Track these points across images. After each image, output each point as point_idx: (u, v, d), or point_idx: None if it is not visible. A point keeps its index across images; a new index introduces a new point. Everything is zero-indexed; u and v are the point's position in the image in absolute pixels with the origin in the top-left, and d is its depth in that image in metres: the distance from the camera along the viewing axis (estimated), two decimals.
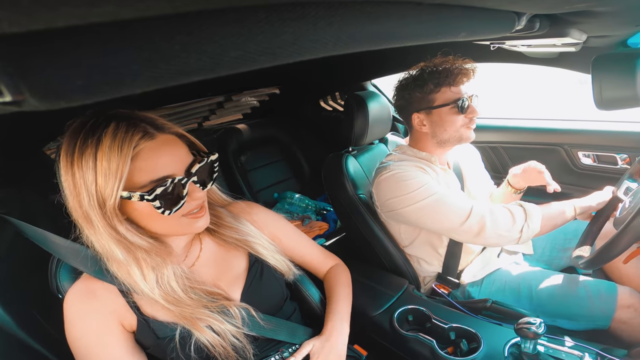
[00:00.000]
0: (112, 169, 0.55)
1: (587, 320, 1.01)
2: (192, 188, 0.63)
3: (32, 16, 0.17)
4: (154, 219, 0.62)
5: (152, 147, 0.59)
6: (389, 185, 1.09)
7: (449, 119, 1.08)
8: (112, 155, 0.55)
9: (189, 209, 0.64)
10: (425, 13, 0.40)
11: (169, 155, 0.60)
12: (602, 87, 0.84)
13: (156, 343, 0.67)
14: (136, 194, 0.57)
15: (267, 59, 0.29)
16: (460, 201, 1.03)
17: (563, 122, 1.65)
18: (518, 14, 0.58)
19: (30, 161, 1.15)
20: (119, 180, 0.56)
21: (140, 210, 0.61)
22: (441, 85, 1.07)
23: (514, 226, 0.98)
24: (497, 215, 0.99)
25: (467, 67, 1.07)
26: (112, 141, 0.55)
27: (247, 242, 0.79)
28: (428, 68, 1.09)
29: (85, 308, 0.64)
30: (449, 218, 1.02)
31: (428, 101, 1.10)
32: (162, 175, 0.59)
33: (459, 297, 1.21)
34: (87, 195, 0.57)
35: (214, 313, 0.67)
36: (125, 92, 0.23)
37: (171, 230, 0.66)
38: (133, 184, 0.58)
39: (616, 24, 0.75)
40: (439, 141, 1.13)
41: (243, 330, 0.70)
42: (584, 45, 0.90)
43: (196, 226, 0.66)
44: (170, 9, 0.21)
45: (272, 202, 2.17)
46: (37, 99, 0.20)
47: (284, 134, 2.32)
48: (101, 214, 0.58)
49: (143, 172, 0.58)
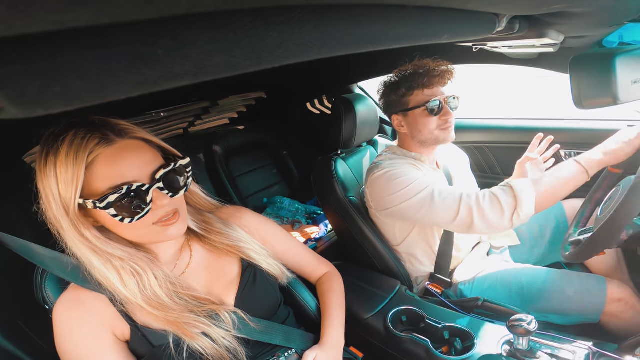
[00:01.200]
0: (68, 177, 0.55)
1: (578, 315, 1.03)
2: (157, 195, 0.60)
3: (8, 22, 0.16)
4: (121, 227, 0.61)
5: (110, 154, 0.57)
6: (383, 183, 1.10)
7: (422, 121, 1.11)
8: (68, 162, 0.55)
9: (158, 216, 0.62)
10: (409, 16, 0.41)
11: (128, 162, 0.58)
12: (580, 87, 0.86)
13: (151, 352, 0.65)
14: (89, 201, 0.56)
15: (252, 64, 0.29)
16: (451, 195, 1.01)
17: (545, 121, 1.69)
18: (498, 16, 0.59)
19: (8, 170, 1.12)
20: (75, 188, 0.55)
21: (105, 218, 0.59)
22: (414, 89, 1.10)
23: (502, 217, 0.95)
24: (484, 207, 0.96)
25: (441, 69, 1.09)
26: (69, 149, 0.55)
27: (239, 247, 0.78)
28: (402, 72, 1.13)
29: (75, 319, 0.63)
30: (443, 212, 1.01)
31: (403, 104, 1.14)
32: (122, 182, 0.57)
33: (451, 296, 1.22)
34: (54, 202, 0.57)
35: (201, 317, 0.66)
36: (107, 99, 0.23)
37: (142, 238, 0.64)
38: (91, 192, 0.57)
39: (591, 25, 0.78)
40: (419, 141, 1.16)
41: (234, 333, 0.69)
42: (562, 46, 0.93)
43: (167, 234, 0.63)
44: (152, 14, 0.20)
45: (261, 208, 2.15)
46: (15, 107, 0.20)
47: (271, 138, 2.31)
48: (69, 221, 0.58)
49: (101, 179, 0.57)
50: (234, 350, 0.68)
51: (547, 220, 1.34)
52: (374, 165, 1.18)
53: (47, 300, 0.69)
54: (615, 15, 0.75)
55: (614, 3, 0.65)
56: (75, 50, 0.20)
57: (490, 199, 0.96)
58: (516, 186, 0.94)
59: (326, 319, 0.87)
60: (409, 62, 1.12)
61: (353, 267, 1.26)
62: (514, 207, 0.94)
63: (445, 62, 1.11)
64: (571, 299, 1.03)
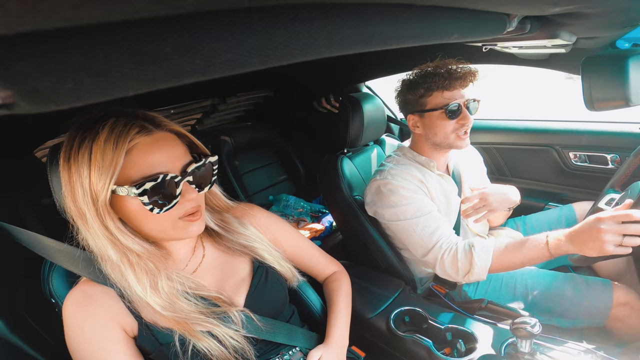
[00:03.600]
0: (105, 162, 0.55)
1: (583, 319, 1.02)
2: (186, 188, 0.62)
3: (20, 19, 0.17)
4: (146, 219, 0.61)
5: (147, 143, 0.58)
6: (379, 193, 1.13)
7: (439, 124, 1.08)
8: (107, 148, 0.55)
9: (184, 210, 0.63)
10: (418, 15, 0.40)
11: (164, 152, 0.59)
12: (591, 88, 0.85)
13: (158, 349, 0.66)
14: (124, 187, 0.56)
15: (259, 61, 0.29)
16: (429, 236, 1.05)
17: (555, 122, 1.66)
18: (509, 16, 0.59)
19: (19, 165, 1.14)
20: (111, 173, 0.55)
21: (131, 209, 0.59)
22: (433, 90, 1.06)
23: (457, 275, 1.02)
24: (445, 262, 1.03)
25: (462, 72, 1.04)
26: (109, 135, 0.55)
27: (254, 248, 0.78)
28: (422, 71, 1.09)
29: (85, 315, 0.63)
30: (418, 246, 1.08)
31: (420, 104, 1.11)
32: (156, 172, 0.58)
33: (455, 298, 1.21)
34: (81, 190, 0.57)
35: (210, 318, 0.66)
36: (116, 95, 0.23)
37: (164, 233, 0.64)
38: (125, 179, 0.57)
39: (604, 26, 0.76)
40: (433, 144, 1.14)
41: (242, 333, 0.69)
42: (574, 47, 0.92)
43: (190, 230, 0.64)
44: (161, 11, 0.21)
45: (267, 205, 2.16)
46: (27, 102, 0.20)
47: (278, 136, 2.31)
48: (94, 210, 0.57)
49: (136, 167, 0.57)
50: (242, 349, 0.68)
51: (557, 223, 1.32)
52: (380, 169, 1.18)
53: (54, 295, 0.70)
54: (629, 16, 0.73)
55: (628, 4, 0.64)
56: (86, 47, 0.20)
57: (453, 257, 1.02)
58: (475, 253, 0.99)
59: (332, 318, 0.86)
60: (430, 60, 1.08)
61: (357, 266, 1.26)
62: (467, 270, 1.00)
63: (468, 62, 1.06)
64: (576, 303, 1.02)
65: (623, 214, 0.77)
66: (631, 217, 0.75)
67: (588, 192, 1.58)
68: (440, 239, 1.04)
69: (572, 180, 1.65)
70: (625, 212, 0.77)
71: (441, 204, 1.15)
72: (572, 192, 1.64)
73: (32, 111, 0.21)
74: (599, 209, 1.01)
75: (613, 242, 0.77)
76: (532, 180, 1.77)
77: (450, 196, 1.18)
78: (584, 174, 1.60)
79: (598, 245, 0.78)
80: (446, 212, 1.17)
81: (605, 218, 0.78)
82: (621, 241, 0.77)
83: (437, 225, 1.06)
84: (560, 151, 1.64)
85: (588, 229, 0.81)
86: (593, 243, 0.80)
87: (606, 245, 0.77)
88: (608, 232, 0.77)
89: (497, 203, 1.14)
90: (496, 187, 1.18)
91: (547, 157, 1.68)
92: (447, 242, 1.04)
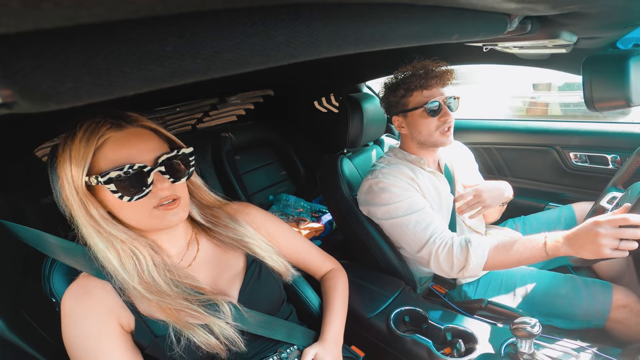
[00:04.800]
0: (80, 156, 0.60)
1: (582, 320, 1.02)
2: (158, 178, 0.64)
3: (21, 17, 0.16)
4: (123, 208, 0.64)
5: (119, 137, 0.62)
6: (370, 191, 1.14)
7: (422, 122, 1.11)
8: (82, 144, 0.61)
9: (157, 199, 0.65)
10: (418, 15, 0.40)
11: (135, 145, 0.63)
12: (592, 88, 0.85)
13: (154, 342, 0.67)
14: (93, 177, 0.61)
15: (260, 61, 0.29)
16: (422, 231, 1.06)
17: (555, 122, 1.66)
18: (510, 16, 0.59)
19: (19, 164, 1.14)
20: (83, 165, 0.61)
21: (108, 199, 0.63)
22: (412, 90, 1.10)
23: (451, 270, 1.02)
24: (440, 257, 1.02)
25: (440, 70, 1.08)
26: (84, 133, 0.61)
27: (244, 242, 0.80)
28: (401, 73, 1.13)
29: (82, 309, 0.64)
30: (411, 242, 1.09)
31: (402, 105, 1.14)
32: (124, 163, 0.62)
33: (455, 298, 1.21)
34: (67, 183, 0.62)
35: (194, 305, 0.67)
36: (117, 94, 0.23)
37: (143, 222, 0.67)
38: (97, 171, 0.62)
39: (605, 26, 0.76)
40: (419, 142, 1.16)
41: (232, 324, 0.70)
42: (575, 47, 0.92)
43: (167, 219, 0.66)
44: (162, 11, 0.21)
45: (267, 205, 2.16)
46: (28, 101, 0.20)
47: (278, 136, 2.31)
48: (78, 200, 0.62)
49: (107, 160, 0.61)
50: (232, 339, 0.69)
51: (556, 223, 1.32)
52: (372, 169, 1.19)
53: (54, 293, 0.70)
54: (629, 17, 0.73)
55: (629, 4, 0.64)
56: (87, 46, 0.20)
57: (448, 252, 1.02)
58: (472, 249, 0.98)
59: (328, 316, 0.87)
60: (408, 63, 1.12)
61: (357, 266, 1.26)
62: (462, 266, 1.00)
63: (445, 63, 1.10)
64: (575, 304, 1.02)
65: (620, 217, 0.77)
66: (628, 221, 0.75)
67: (588, 192, 1.57)
68: (433, 233, 1.05)
69: (572, 180, 1.65)
70: (622, 216, 0.77)
71: (433, 200, 1.16)
72: (572, 192, 1.64)
73: (33, 110, 0.21)
74: (601, 207, 1.01)
75: (610, 246, 0.77)
76: (533, 181, 1.77)
77: (443, 193, 1.19)
78: (584, 174, 1.60)
79: (595, 249, 0.79)
80: (439, 208, 1.17)
81: (603, 222, 0.78)
82: (618, 245, 0.77)
83: (430, 220, 1.07)
84: (560, 151, 1.64)
85: (585, 232, 0.81)
86: (590, 246, 0.80)
87: (603, 248, 0.78)
88: (605, 236, 0.77)
89: (491, 199, 1.15)
90: (489, 183, 1.20)
91: (547, 157, 1.68)
92: (440, 236, 1.04)
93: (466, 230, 1.26)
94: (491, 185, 1.18)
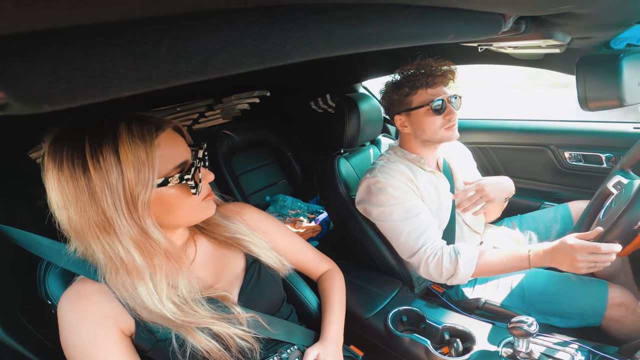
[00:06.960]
0: (141, 159, 0.55)
1: (579, 318, 1.03)
2: (204, 170, 0.67)
3: (13, 19, 0.16)
4: (180, 207, 0.64)
5: (167, 137, 0.61)
6: (368, 191, 1.15)
7: (426, 120, 1.11)
8: (136, 146, 0.55)
9: (206, 191, 0.68)
10: (413, 15, 0.40)
11: (180, 143, 0.64)
12: (586, 88, 0.85)
13: (156, 346, 0.65)
14: (175, 176, 0.60)
15: (256, 62, 0.29)
16: (415, 239, 1.08)
17: (550, 122, 1.68)
18: (504, 16, 0.59)
19: (12, 167, 1.12)
20: (151, 168, 0.56)
21: (166, 201, 0.61)
22: (417, 88, 1.11)
23: (440, 277, 1.07)
24: (430, 265, 1.06)
25: (443, 69, 1.09)
26: (132, 134, 0.55)
27: (238, 239, 0.79)
28: (405, 72, 1.13)
29: (79, 314, 0.62)
30: (403, 247, 1.12)
31: (406, 103, 1.14)
32: (180, 161, 0.62)
33: (452, 297, 1.22)
34: (111, 198, 0.55)
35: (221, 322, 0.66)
36: (111, 96, 0.23)
37: (194, 215, 0.68)
38: (161, 172, 0.59)
39: (598, 26, 0.77)
40: (422, 141, 1.16)
41: (252, 334, 0.69)
42: (568, 47, 0.93)
43: (211, 209, 0.70)
44: (157, 11, 0.20)
45: (264, 206, 2.15)
46: (20, 103, 0.20)
47: (275, 136, 2.31)
48: (129, 213, 0.56)
49: (166, 160, 0.60)
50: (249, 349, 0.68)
51: (553, 222, 1.33)
52: (372, 167, 1.19)
53: (50, 296, 0.69)
54: (622, 17, 0.74)
55: (621, 4, 0.64)
56: (81, 47, 0.20)
57: (437, 262, 1.06)
58: (460, 260, 1.03)
59: (327, 317, 0.87)
60: (411, 62, 1.13)
61: (354, 266, 1.26)
62: (451, 275, 1.05)
63: (448, 62, 1.11)
64: (572, 303, 1.03)
65: (592, 246, 0.85)
66: (599, 250, 0.85)
67: (583, 191, 1.59)
68: (425, 243, 1.08)
69: (567, 179, 1.66)
70: (593, 245, 0.85)
71: (432, 201, 1.16)
72: (567, 191, 1.66)
73: (26, 112, 0.21)
74: (607, 188, 1.03)
75: (586, 267, 0.88)
76: (528, 180, 1.78)
77: (442, 192, 1.19)
78: (579, 173, 1.62)
79: (573, 268, 0.89)
80: (438, 208, 1.17)
81: (577, 248, 0.87)
82: (594, 265, 0.87)
83: (424, 229, 1.09)
84: (555, 151, 1.65)
85: (564, 252, 0.90)
86: (568, 265, 0.90)
87: (581, 269, 0.88)
88: (580, 260, 0.87)
89: (494, 193, 1.16)
90: (491, 178, 1.20)
91: (542, 157, 1.69)
92: (432, 246, 1.07)
93: (465, 229, 1.26)
94: (493, 180, 1.19)
